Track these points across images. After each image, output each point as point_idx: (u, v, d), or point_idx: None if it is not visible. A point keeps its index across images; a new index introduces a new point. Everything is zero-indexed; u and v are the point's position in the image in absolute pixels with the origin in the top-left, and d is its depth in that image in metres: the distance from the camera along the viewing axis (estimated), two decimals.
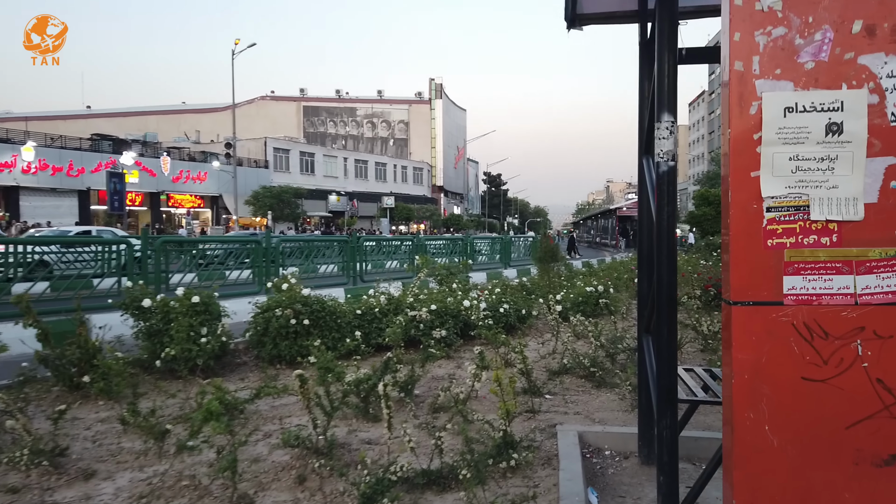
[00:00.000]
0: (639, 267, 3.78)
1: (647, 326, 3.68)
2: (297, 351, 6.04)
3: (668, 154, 2.99)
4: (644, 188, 3.72)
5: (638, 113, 3.80)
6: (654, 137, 3.68)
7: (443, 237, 34.50)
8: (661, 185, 2.99)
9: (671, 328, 3.01)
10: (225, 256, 13.89)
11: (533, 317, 8.08)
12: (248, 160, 55.17)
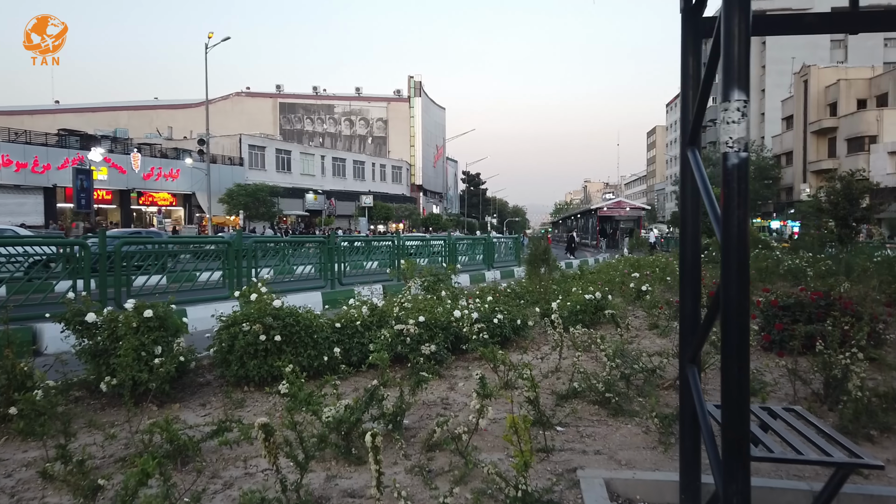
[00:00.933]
0: (681, 281, 3.11)
1: (692, 356, 3.02)
2: (267, 371, 5.29)
3: (740, 142, 2.32)
4: (687, 185, 3.05)
5: (680, 97, 3.13)
6: (701, 124, 3.03)
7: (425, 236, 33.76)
8: (731, 181, 2.32)
9: (742, 364, 2.35)
10: (193, 259, 13.05)
11: (529, 327, 7.41)
12: (223, 157, 53.84)
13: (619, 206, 50.52)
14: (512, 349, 7.10)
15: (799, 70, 61.89)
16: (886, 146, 48.14)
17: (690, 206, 3.05)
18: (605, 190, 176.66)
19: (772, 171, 63.51)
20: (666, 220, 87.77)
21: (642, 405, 4.50)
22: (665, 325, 7.88)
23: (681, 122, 3.09)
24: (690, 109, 3.05)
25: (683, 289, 3.10)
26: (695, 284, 3.08)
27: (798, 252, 16.60)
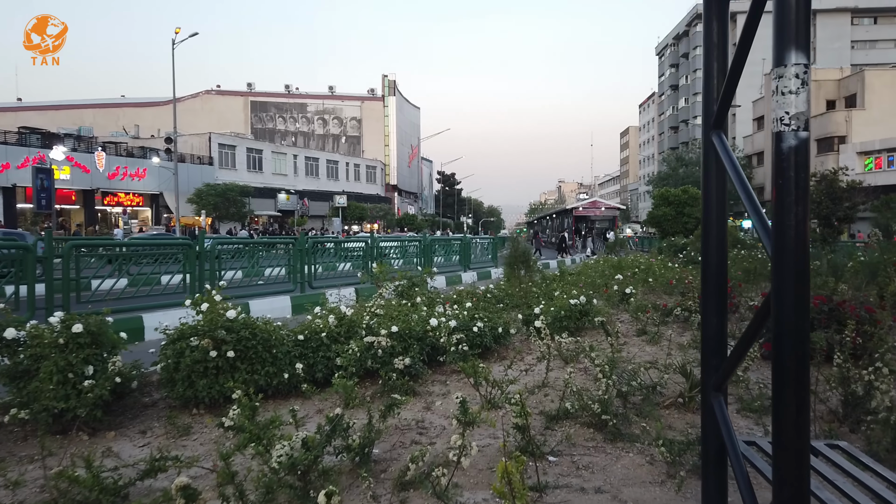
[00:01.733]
0: (704, 294, 2.59)
1: (719, 383, 2.50)
2: (218, 391, 4.66)
3: (799, 118, 1.80)
4: (711, 179, 2.53)
5: (703, 72, 2.61)
6: (729, 104, 2.51)
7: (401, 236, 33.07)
8: (786, 170, 1.80)
9: (802, 401, 1.83)
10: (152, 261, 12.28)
11: (511, 335, 6.88)
12: (192, 157, 52.53)
13: (594, 206, 50.40)
14: (493, 360, 6.57)
15: (770, 71, 62.44)
16: (855, 146, 48.80)
17: (715, 203, 2.53)
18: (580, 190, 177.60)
19: (744, 170, 64.07)
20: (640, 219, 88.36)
21: (643, 428, 3.99)
22: (654, 332, 7.42)
23: (703, 101, 2.56)
24: (714, 86, 2.53)
25: (706, 302, 2.58)
26: (720, 298, 2.56)
27: None
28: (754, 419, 4.29)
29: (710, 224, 2.56)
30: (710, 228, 2.56)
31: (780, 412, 1.87)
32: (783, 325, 1.81)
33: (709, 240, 2.57)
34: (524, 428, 3.61)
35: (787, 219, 1.80)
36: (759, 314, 2.13)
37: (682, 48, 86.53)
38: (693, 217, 28.88)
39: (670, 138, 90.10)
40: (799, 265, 1.80)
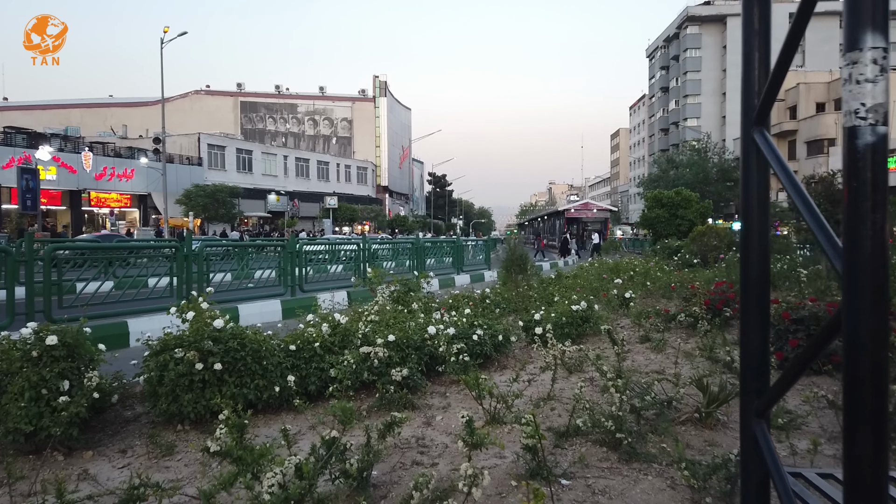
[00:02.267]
0: (744, 306, 2.33)
1: (762, 408, 2.25)
2: (204, 406, 4.37)
3: (878, 111, 1.53)
4: (752, 180, 2.28)
5: (742, 62, 2.35)
6: (775, 96, 2.25)
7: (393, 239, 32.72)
8: (861, 171, 1.53)
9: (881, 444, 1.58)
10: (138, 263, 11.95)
11: (511, 343, 6.61)
12: (180, 157, 51.97)
13: (586, 208, 50.30)
14: (493, 369, 6.31)
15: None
16: None
17: (757, 207, 2.27)
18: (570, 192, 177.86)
19: (733, 172, 64.27)
20: (630, 221, 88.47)
21: (660, 447, 3.74)
22: (658, 339, 7.18)
23: (742, 94, 2.30)
24: (755, 77, 2.27)
25: (747, 318, 2.32)
26: (762, 313, 2.30)
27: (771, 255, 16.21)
28: (775, 436, 4.04)
29: (751, 231, 2.30)
30: (750, 236, 2.30)
31: (853, 452, 1.61)
32: (858, 353, 1.56)
33: (749, 248, 2.31)
34: (535, 449, 3.35)
35: (862, 228, 1.53)
36: (824, 333, 1.87)
37: (673, 51, 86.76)
38: (686, 219, 28.76)
39: (661, 140, 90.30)
40: (877, 281, 1.54)
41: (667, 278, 12.39)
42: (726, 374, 4.93)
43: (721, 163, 64.43)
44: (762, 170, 2.29)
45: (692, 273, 13.07)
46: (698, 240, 19.19)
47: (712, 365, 5.80)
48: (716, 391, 4.15)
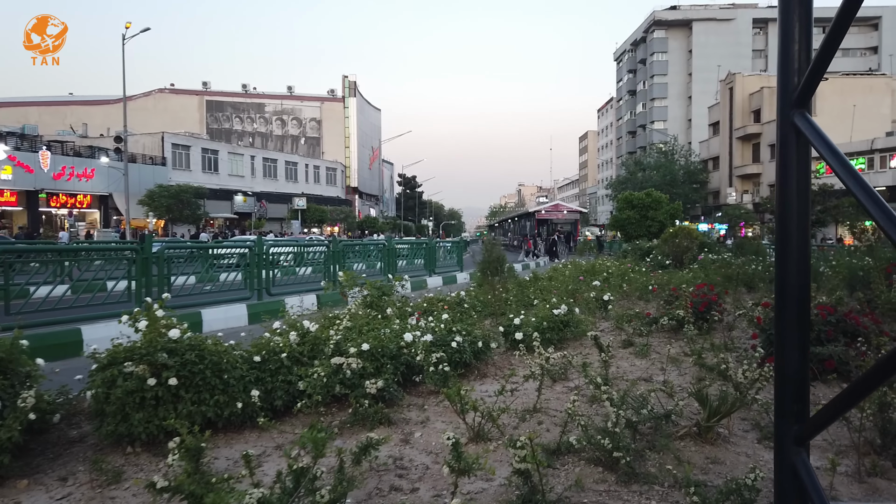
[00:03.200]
0: (780, 320, 2.02)
1: (804, 436, 1.95)
2: (157, 426, 3.93)
3: None
4: (791, 173, 1.98)
5: (779, 40, 2.05)
6: (822, 73, 1.96)
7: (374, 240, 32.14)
8: None
9: None
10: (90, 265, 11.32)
11: (491, 349, 6.28)
12: (143, 157, 50.53)
13: (556, 209, 50.36)
14: (473, 377, 5.97)
15: (724, 77, 63.82)
16: None
17: (797, 205, 1.97)
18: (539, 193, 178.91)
19: (700, 175, 65.23)
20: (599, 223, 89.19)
21: (659, 465, 3.44)
22: (642, 343, 6.93)
23: (779, 74, 2.00)
24: (794, 53, 1.97)
25: (784, 333, 2.02)
26: (801, 324, 2.00)
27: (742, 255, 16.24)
28: None
29: (789, 232, 1.99)
30: (788, 238, 2.00)
31: None
32: None
33: (787, 253, 2.00)
34: (528, 473, 3.01)
35: None
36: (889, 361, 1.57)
37: (640, 54, 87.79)
38: (657, 221, 28.89)
39: (628, 143, 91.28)
40: None
41: (643, 280, 12.23)
42: (723, 384, 4.67)
43: (687, 165, 65.31)
44: (803, 159, 1.98)
45: (668, 275, 12.93)
46: (670, 241, 19.16)
47: (702, 371, 5.56)
48: (716, 403, 3.87)
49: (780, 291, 2.06)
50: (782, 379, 2.07)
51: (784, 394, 2.07)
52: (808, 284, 2.03)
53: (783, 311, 2.04)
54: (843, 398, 1.78)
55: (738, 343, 6.97)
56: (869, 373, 1.67)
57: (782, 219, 2.03)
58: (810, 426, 1.93)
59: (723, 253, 17.27)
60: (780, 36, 2.04)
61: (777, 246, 2.07)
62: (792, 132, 1.97)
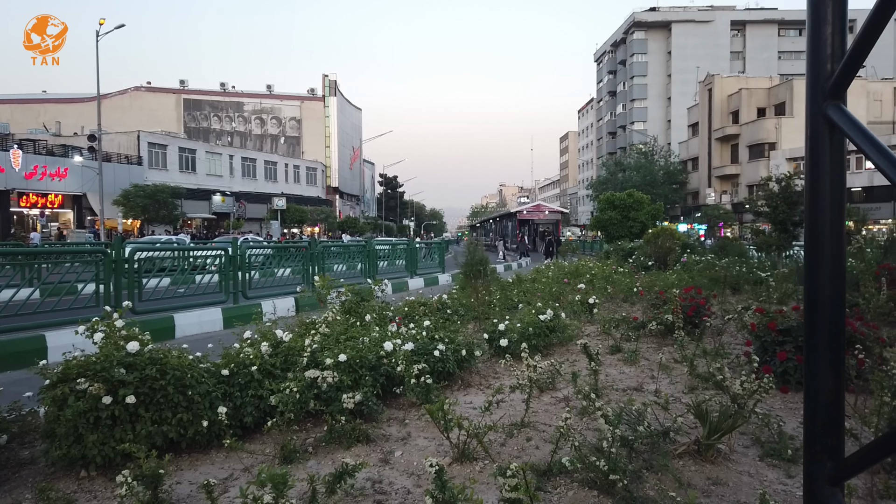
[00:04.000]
0: (810, 339, 1.77)
1: (837, 475, 1.70)
2: (112, 449, 3.60)
3: None
4: (824, 170, 1.73)
5: (809, 28, 1.80)
6: (859, 65, 1.71)
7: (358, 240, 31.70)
8: None
9: None
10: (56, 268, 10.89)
11: (475, 357, 6.02)
12: (118, 156, 49.55)
13: (538, 210, 50.36)
14: (456, 387, 5.70)
15: (703, 79, 64.30)
16: (784, 152, 50.53)
17: (830, 207, 1.72)
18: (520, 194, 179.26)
19: (679, 175, 65.66)
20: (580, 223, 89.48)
21: (658, 489, 3.19)
22: (630, 349, 6.71)
23: (808, 65, 1.75)
24: (826, 39, 1.73)
25: (815, 354, 1.77)
26: (836, 345, 1.76)
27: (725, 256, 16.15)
28: (784, 470, 3.56)
29: (822, 241, 1.74)
30: (820, 247, 1.74)
31: None
32: None
33: (819, 264, 1.75)
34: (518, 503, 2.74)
35: None
36: None
37: (620, 55, 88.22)
38: (638, 221, 28.87)
39: (608, 143, 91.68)
40: None
41: (627, 282, 12.06)
42: (717, 393, 4.46)
43: (667, 166, 65.71)
44: (837, 157, 1.72)
45: (652, 276, 12.77)
46: (653, 242, 19.05)
47: (695, 380, 5.34)
48: (716, 419, 3.64)
49: (809, 307, 1.80)
50: (814, 409, 1.81)
51: (815, 426, 1.81)
52: (842, 299, 1.77)
53: (814, 329, 1.79)
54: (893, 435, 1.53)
55: (730, 349, 6.77)
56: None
57: (813, 225, 1.78)
58: (849, 465, 1.67)
59: (705, 254, 17.18)
60: (811, 17, 1.78)
61: (807, 255, 1.81)
62: (825, 126, 1.71)
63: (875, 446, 1.62)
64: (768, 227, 16.77)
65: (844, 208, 1.77)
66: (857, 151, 1.62)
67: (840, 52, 1.72)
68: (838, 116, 1.67)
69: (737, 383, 4.06)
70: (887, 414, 3.38)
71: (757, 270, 12.10)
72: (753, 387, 3.96)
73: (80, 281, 10.30)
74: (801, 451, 3.64)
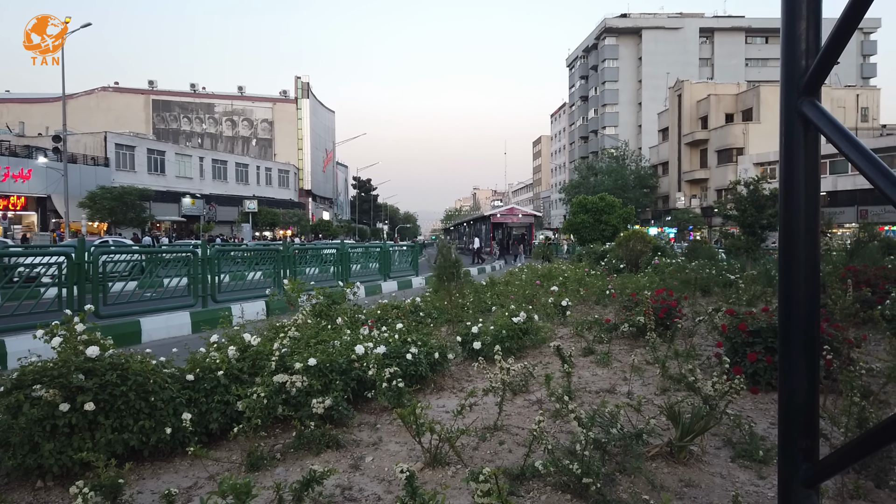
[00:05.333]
0: (784, 341, 1.75)
1: (813, 477, 1.68)
2: (70, 458, 3.46)
3: None
4: (798, 171, 1.71)
5: (783, 17, 1.78)
6: (835, 58, 1.70)
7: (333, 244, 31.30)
8: None
9: None
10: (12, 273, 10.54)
11: (448, 360, 5.95)
12: (85, 157, 48.46)
13: (511, 213, 50.46)
14: (429, 391, 5.64)
15: (673, 85, 65.28)
16: (752, 157, 51.53)
17: (805, 207, 1.70)
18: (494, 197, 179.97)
19: (650, 180, 66.53)
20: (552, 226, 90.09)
21: (631, 491, 3.17)
22: (603, 352, 6.72)
23: (783, 60, 1.73)
24: (801, 33, 1.71)
25: (790, 356, 1.74)
26: (810, 346, 1.73)
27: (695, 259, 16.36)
28: (756, 471, 3.57)
29: (795, 238, 1.72)
30: (794, 245, 1.72)
31: None
32: None
33: (794, 264, 1.72)
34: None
35: None
36: None
37: (592, 61, 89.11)
38: (610, 224, 29.13)
39: (581, 148, 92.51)
40: None
41: (600, 284, 12.12)
42: (689, 394, 4.46)
43: (638, 170, 66.54)
44: (812, 155, 1.69)
45: (623, 279, 12.86)
46: (624, 245, 19.20)
47: (667, 382, 5.36)
48: (688, 420, 3.63)
49: (784, 308, 1.77)
50: (789, 410, 1.78)
51: (790, 428, 1.79)
52: (817, 299, 1.74)
53: (789, 331, 1.76)
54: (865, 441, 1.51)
55: (701, 350, 6.82)
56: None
57: (788, 222, 1.75)
58: (825, 467, 1.64)
59: (676, 257, 17.37)
60: (785, 13, 1.76)
61: (781, 255, 1.79)
62: (799, 124, 1.68)
63: (852, 447, 1.59)
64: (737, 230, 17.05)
65: (819, 205, 1.75)
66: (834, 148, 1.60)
67: (815, 48, 1.70)
68: (813, 113, 1.65)
69: (708, 384, 4.07)
70: (856, 414, 3.41)
71: (726, 273, 12.26)
72: (725, 388, 3.97)
73: (42, 284, 10.01)
74: (772, 452, 3.66)
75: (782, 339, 1.79)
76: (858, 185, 41.60)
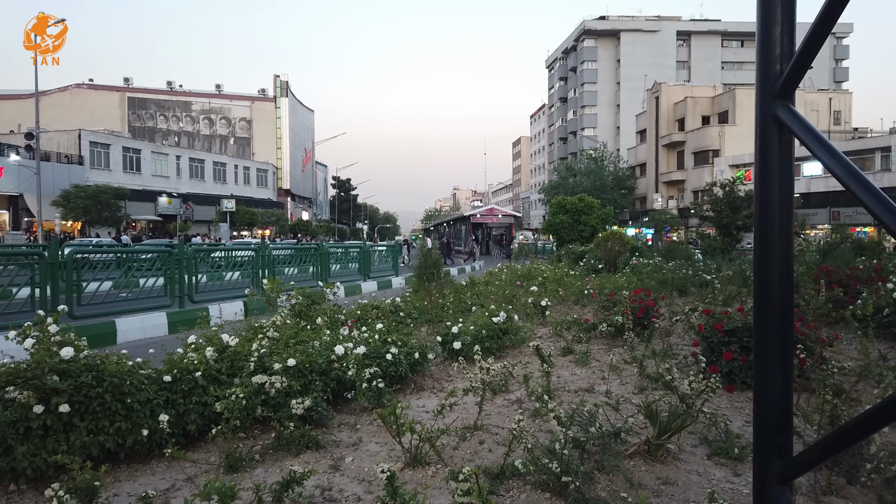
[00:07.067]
0: (760, 340, 1.78)
1: (786, 473, 1.72)
2: (44, 461, 3.41)
3: None
4: (773, 173, 1.74)
5: (758, 19, 1.82)
6: (809, 62, 1.74)
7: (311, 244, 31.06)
8: None
9: None
10: None
11: (428, 360, 5.96)
12: (58, 155, 47.61)
13: (491, 213, 50.62)
14: (409, 391, 5.64)
15: (651, 87, 65.95)
16: (728, 159, 52.27)
17: (779, 208, 1.73)
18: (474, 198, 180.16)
19: (628, 181, 67.16)
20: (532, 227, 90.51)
21: (610, 489, 3.20)
22: (582, 351, 6.77)
23: (758, 63, 1.76)
24: (776, 37, 1.74)
25: (764, 356, 1.77)
26: (785, 344, 1.77)
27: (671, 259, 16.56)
28: (731, 468, 3.63)
29: (769, 239, 1.75)
30: (768, 246, 1.76)
31: None
32: None
33: (768, 264, 1.76)
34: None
35: None
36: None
37: (571, 62, 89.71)
38: (589, 225, 29.35)
39: (560, 149, 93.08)
40: None
41: (579, 284, 12.21)
42: (666, 393, 4.51)
43: (616, 171, 67.14)
44: (786, 157, 1.72)
45: (602, 279, 12.97)
46: (603, 245, 19.36)
47: (644, 381, 5.42)
48: (665, 419, 3.68)
49: (759, 307, 1.81)
50: (763, 408, 1.81)
51: (765, 425, 1.82)
52: (791, 299, 1.78)
53: (764, 329, 1.79)
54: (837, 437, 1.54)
55: (678, 349, 6.91)
56: (874, 413, 1.44)
57: (763, 223, 1.78)
58: (799, 463, 1.68)
59: (654, 257, 17.55)
60: (760, 17, 1.79)
61: (756, 255, 1.82)
62: (774, 127, 1.72)
63: (824, 444, 1.63)
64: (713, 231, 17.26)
65: (793, 206, 1.78)
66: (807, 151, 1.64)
67: (789, 52, 1.73)
68: (787, 116, 1.68)
69: (685, 383, 4.13)
70: (829, 412, 3.48)
71: (703, 273, 12.43)
72: (701, 387, 4.03)
73: (13, 285, 9.81)
74: (747, 450, 3.72)
75: (757, 339, 1.82)
76: (831, 186, 42.44)
